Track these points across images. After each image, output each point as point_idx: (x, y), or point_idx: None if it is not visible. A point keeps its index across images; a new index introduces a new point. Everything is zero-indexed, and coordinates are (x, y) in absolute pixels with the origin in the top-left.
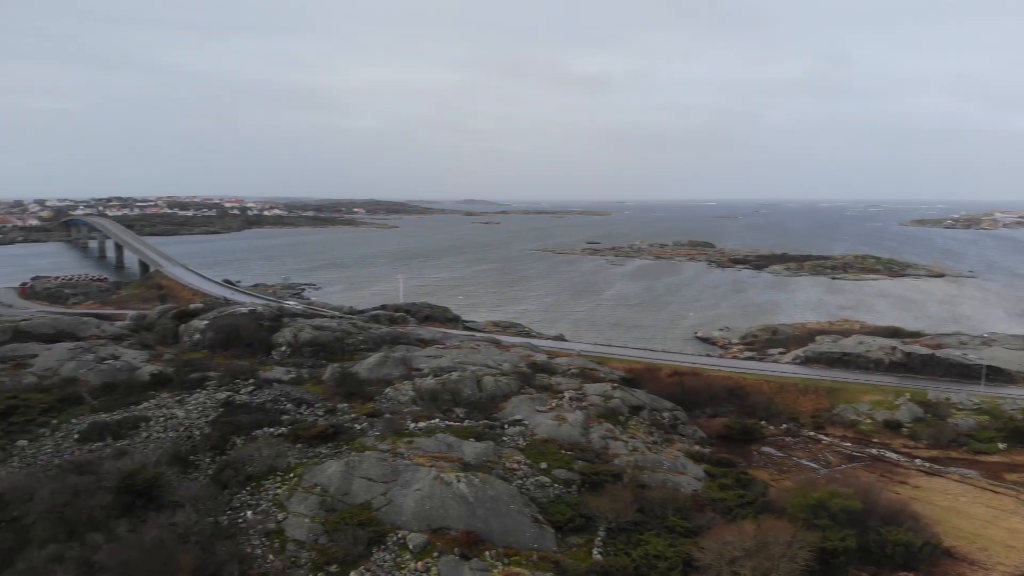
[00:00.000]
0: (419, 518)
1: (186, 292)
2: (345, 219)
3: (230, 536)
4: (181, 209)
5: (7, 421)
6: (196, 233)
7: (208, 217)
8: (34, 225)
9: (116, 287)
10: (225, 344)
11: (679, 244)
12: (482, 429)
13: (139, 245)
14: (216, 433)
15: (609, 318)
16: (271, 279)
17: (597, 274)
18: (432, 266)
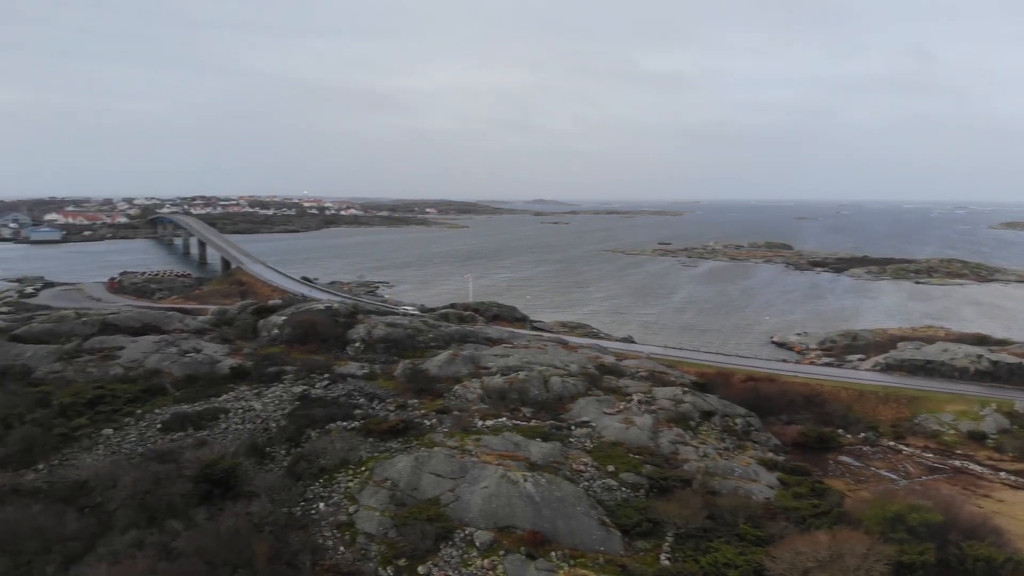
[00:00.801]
0: (486, 516)
1: (265, 289)
2: (418, 219)
3: (303, 527)
4: (262, 208)
5: (94, 410)
6: (276, 231)
7: (287, 216)
8: (122, 223)
9: (199, 283)
10: (302, 339)
11: (755, 245)
12: (549, 429)
13: (221, 242)
14: (292, 426)
15: (680, 321)
16: (346, 277)
17: (668, 275)
18: (500, 266)
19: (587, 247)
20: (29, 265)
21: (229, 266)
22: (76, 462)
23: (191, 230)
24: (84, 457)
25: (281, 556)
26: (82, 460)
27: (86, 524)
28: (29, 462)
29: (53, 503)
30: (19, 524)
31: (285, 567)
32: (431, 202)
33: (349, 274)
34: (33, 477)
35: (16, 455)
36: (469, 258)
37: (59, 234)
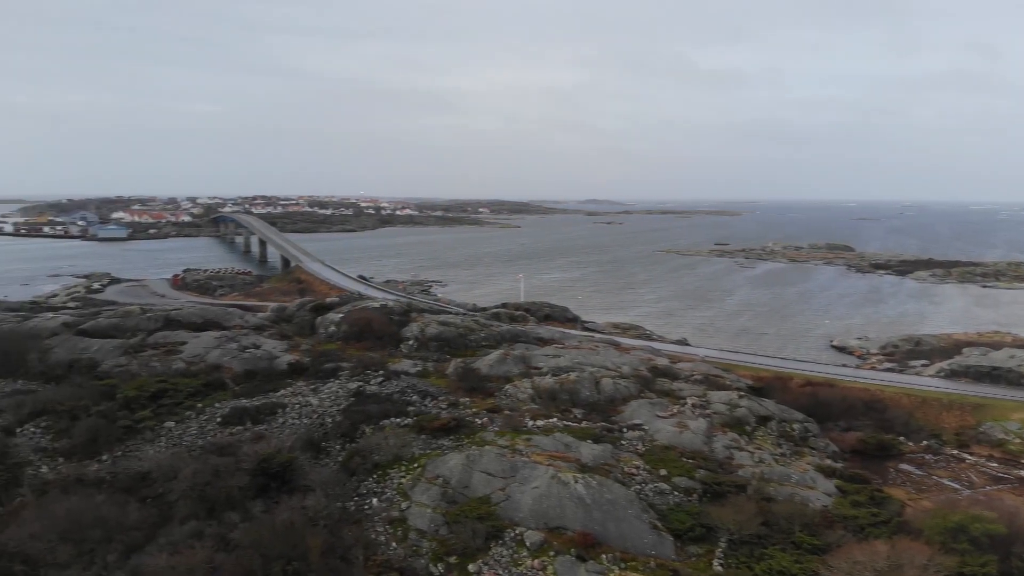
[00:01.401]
0: (536, 516)
1: (323, 286)
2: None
3: (356, 522)
4: (320, 208)
5: (157, 403)
6: (334, 231)
7: (345, 216)
8: (186, 221)
9: (259, 280)
10: (357, 336)
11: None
12: (600, 431)
13: (281, 241)
14: (347, 421)
15: (736, 323)
16: (401, 276)
17: (724, 276)
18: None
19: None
20: (97, 262)
21: (288, 264)
22: (139, 454)
23: (252, 229)
24: (147, 449)
25: (334, 550)
26: (144, 452)
27: (147, 514)
28: (94, 453)
29: (116, 493)
30: (83, 513)
31: (338, 561)
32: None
33: (403, 273)
34: (97, 468)
35: (81, 446)
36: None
37: (125, 232)
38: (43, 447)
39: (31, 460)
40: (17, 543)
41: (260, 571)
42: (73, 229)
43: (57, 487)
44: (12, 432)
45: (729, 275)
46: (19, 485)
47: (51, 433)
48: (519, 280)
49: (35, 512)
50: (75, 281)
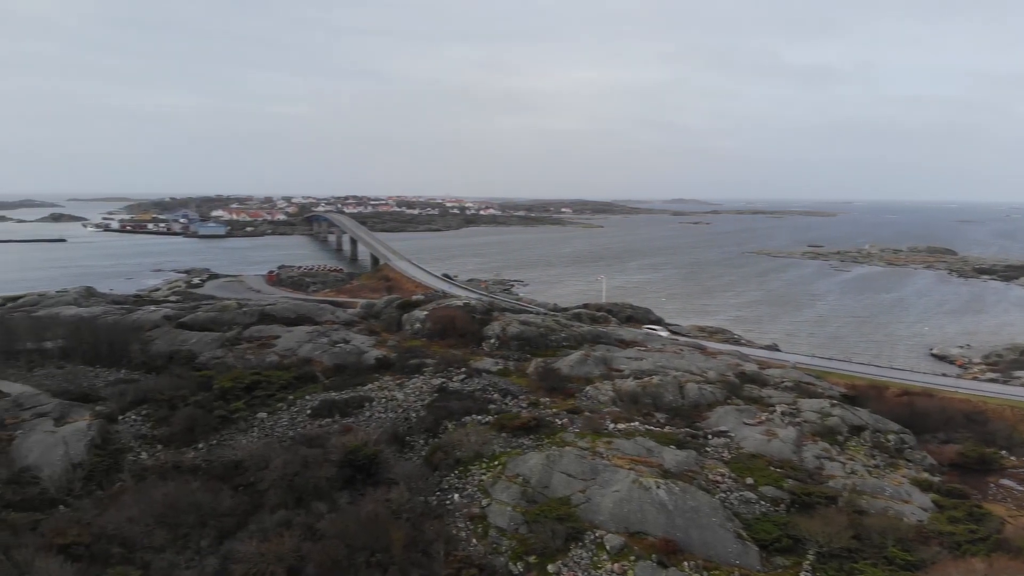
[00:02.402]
0: (616, 519)
1: (410, 284)
2: (553, 219)
3: (438, 516)
4: (408, 208)
5: (251, 395)
6: (420, 230)
7: (431, 215)
8: (281, 220)
9: (349, 278)
10: (441, 334)
11: (914, 250)
12: (684, 437)
13: (371, 240)
14: (430, 417)
15: (829, 329)
16: (484, 275)
17: (817, 279)
18: (634, 266)
19: (729, 248)
20: (197, 258)
21: (377, 262)
22: (232, 443)
23: (344, 227)
24: (240, 438)
25: (416, 544)
26: (238, 441)
27: (239, 502)
28: (190, 441)
29: (210, 480)
30: (179, 499)
31: (420, 555)
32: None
33: (486, 272)
34: (193, 455)
35: (179, 434)
36: (601, 258)
37: (224, 229)
38: (143, 434)
39: (132, 446)
40: (116, 526)
41: (345, 561)
42: (175, 226)
43: (155, 473)
44: (114, 419)
45: (822, 278)
46: (120, 470)
47: (151, 421)
48: (600, 281)
49: (134, 496)
50: (176, 276)
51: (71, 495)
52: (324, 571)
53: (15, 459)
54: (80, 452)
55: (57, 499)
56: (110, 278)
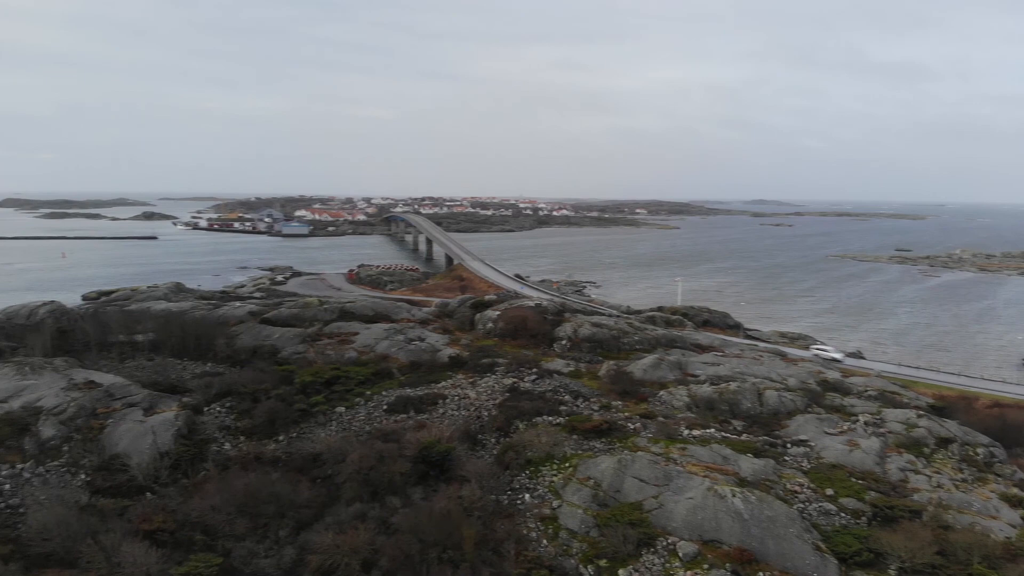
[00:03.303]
0: (690, 527)
1: (483, 284)
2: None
3: (508, 515)
4: (482, 209)
5: (330, 389)
6: (493, 231)
7: (504, 216)
8: (361, 220)
9: (425, 277)
10: (513, 334)
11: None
12: (761, 445)
13: (445, 240)
14: (502, 416)
15: (916, 336)
16: (555, 275)
17: (905, 285)
18: (711, 269)
19: (812, 252)
20: (280, 256)
21: (451, 262)
22: (311, 436)
23: (420, 228)
24: (319, 432)
25: (487, 542)
26: (316, 434)
27: (317, 494)
28: (271, 433)
29: (289, 472)
30: (259, 489)
31: (490, 553)
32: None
33: (558, 273)
34: (274, 447)
35: (261, 426)
36: (676, 260)
37: (306, 229)
38: (227, 426)
39: (216, 437)
40: (199, 514)
41: (418, 557)
42: (260, 225)
43: (237, 463)
44: (200, 411)
45: (908, 284)
46: (204, 460)
47: (234, 413)
48: (677, 283)
49: (217, 486)
50: (261, 273)
51: (157, 483)
52: (397, 565)
53: (106, 447)
54: (167, 442)
55: (144, 486)
56: (198, 274)
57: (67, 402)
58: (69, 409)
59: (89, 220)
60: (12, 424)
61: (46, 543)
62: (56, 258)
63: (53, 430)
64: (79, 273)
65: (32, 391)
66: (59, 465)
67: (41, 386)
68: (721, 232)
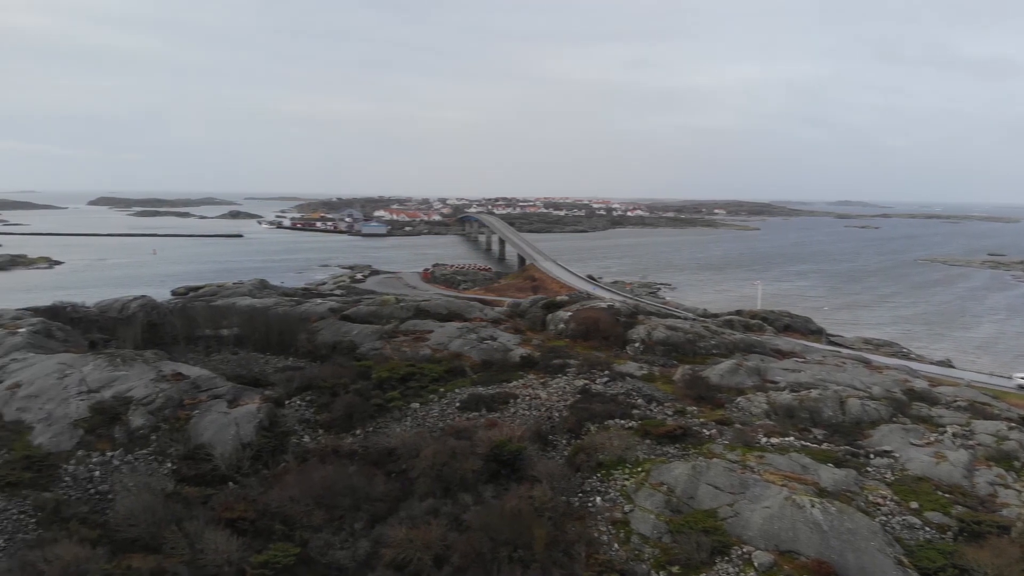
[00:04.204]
0: (766, 536)
1: (554, 285)
2: (705, 220)
3: (579, 518)
4: (555, 209)
5: (405, 385)
6: (566, 231)
7: (577, 217)
8: (436, 220)
9: (497, 277)
10: (584, 335)
11: None
12: (843, 455)
13: (518, 240)
14: (573, 417)
15: (1007, 345)
16: (629, 277)
17: (996, 291)
18: (792, 272)
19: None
20: (359, 255)
21: (523, 262)
22: (387, 431)
23: (493, 228)
24: (394, 427)
25: (558, 543)
26: (392, 429)
27: (391, 488)
28: (349, 427)
29: (365, 466)
30: (336, 482)
31: (561, 555)
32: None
33: (631, 274)
34: (351, 441)
35: (339, 420)
36: (756, 262)
37: (384, 228)
38: (307, 419)
39: (295, 430)
40: (278, 504)
41: (489, 555)
42: (341, 225)
43: (316, 456)
44: (281, 404)
45: (1002, 290)
46: (284, 452)
47: (314, 407)
48: (756, 286)
49: (296, 477)
50: (341, 271)
51: (239, 473)
52: (468, 562)
53: (191, 437)
54: (249, 433)
55: (227, 476)
56: (281, 272)
57: (156, 393)
58: (157, 400)
59: (178, 218)
60: (104, 413)
61: (132, 528)
62: (147, 254)
63: (142, 420)
64: (168, 269)
65: (123, 382)
66: (147, 453)
67: (132, 377)
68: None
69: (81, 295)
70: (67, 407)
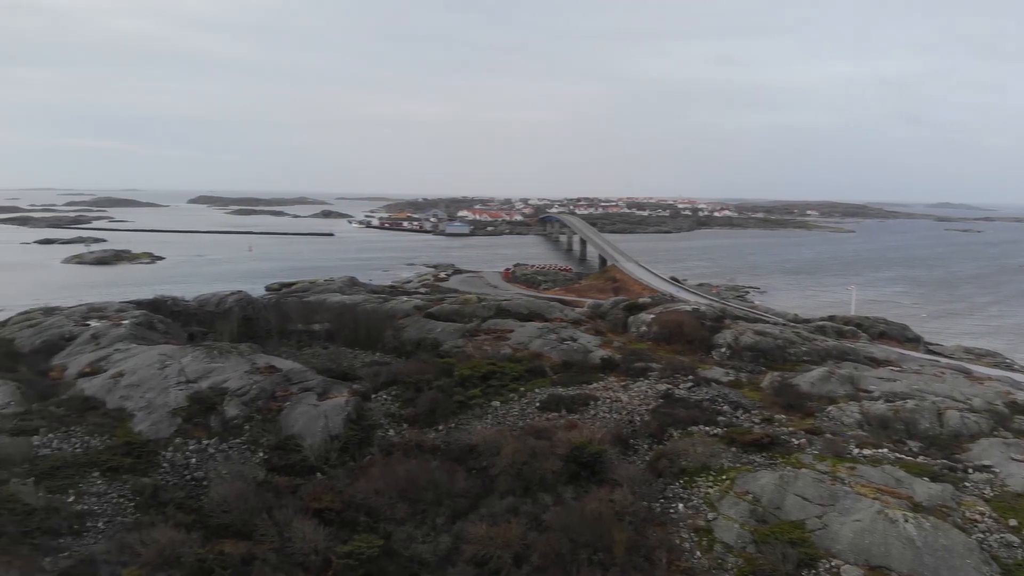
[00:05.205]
0: (856, 551)
1: (636, 286)
2: (796, 222)
3: (661, 524)
4: (638, 209)
5: (486, 383)
6: (649, 232)
7: (661, 217)
8: (518, 220)
9: (578, 277)
10: (667, 339)
11: None
12: (939, 469)
13: (599, 241)
14: (655, 422)
15: None
16: (715, 279)
17: None
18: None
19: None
20: (443, 254)
21: (605, 263)
22: (468, 428)
23: (574, 228)
24: (475, 424)
25: (639, 548)
26: (472, 426)
27: (472, 484)
28: (432, 423)
29: (447, 462)
30: (419, 476)
31: (641, 560)
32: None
33: (718, 277)
34: (434, 436)
35: (423, 415)
36: (850, 266)
37: (467, 228)
38: (392, 413)
39: (381, 423)
40: (364, 496)
41: (568, 556)
42: (426, 224)
43: (400, 450)
44: (368, 398)
45: None
46: (370, 444)
47: (399, 401)
48: (851, 291)
49: (381, 470)
50: (425, 270)
51: (327, 464)
52: (547, 563)
53: (282, 428)
54: (337, 425)
55: (315, 467)
56: (369, 269)
57: (250, 384)
58: (251, 391)
59: (273, 217)
60: (201, 403)
61: (225, 515)
62: (243, 251)
63: (236, 410)
64: (263, 266)
65: (219, 373)
66: (240, 443)
67: (227, 369)
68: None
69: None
70: (166, 396)
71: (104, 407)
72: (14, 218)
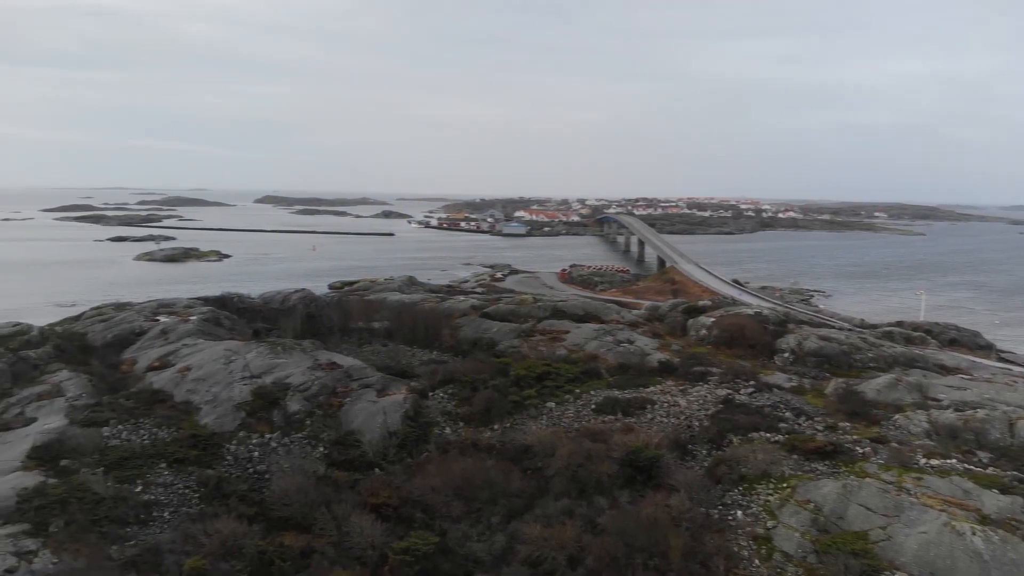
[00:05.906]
0: (921, 563)
1: (696, 288)
2: (863, 224)
3: (718, 530)
4: (699, 210)
5: (541, 384)
6: (710, 233)
7: (723, 218)
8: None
9: (635, 279)
10: (728, 343)
11: None
12: (1009, 481)
13: (658, 242)
14: (714, 428)
15: None
16: (779, 282)
17: None
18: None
19: None
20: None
21: (663, 264)
22: (523, 428)
23: (632, 229)
24: (530, 424)
25: (695, 555)
26: (528, 427)
27: (527, 485)
28: (487, 422)
29: (502, 461)
30: (475, 475)
31: (698, 566)
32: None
33: (781, 280)
34: (489, 435)
35: (478, 414)
36: (920, 270)
37: (524, 229)
38: (448, 411)
39: (438, 421)
40: (420, 493)
41: (623, 560)
42: (483, 225)
43: (456, 448)
44: (425, 395)
45: None
46: (427, 442)
47: (455, 400)
48: (920, 296)
49: (437, 468)
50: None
51: (385, 460)
52: (602, 566)
53: (342, 423)
54: (396, 422)
55: (374, 462)
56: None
57: (312, 380)
58: (313, 387)
59: (335, 217)
60: (264, 397)
61: (286, 508)
62: (307, 250)
63: (298, 405)
64: (325, 265)
65: (282, 369)
66: (301, 437)
67: (290, 365)
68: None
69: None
70: (231, 391)
71: (171, 400)
72: (89, 216)
